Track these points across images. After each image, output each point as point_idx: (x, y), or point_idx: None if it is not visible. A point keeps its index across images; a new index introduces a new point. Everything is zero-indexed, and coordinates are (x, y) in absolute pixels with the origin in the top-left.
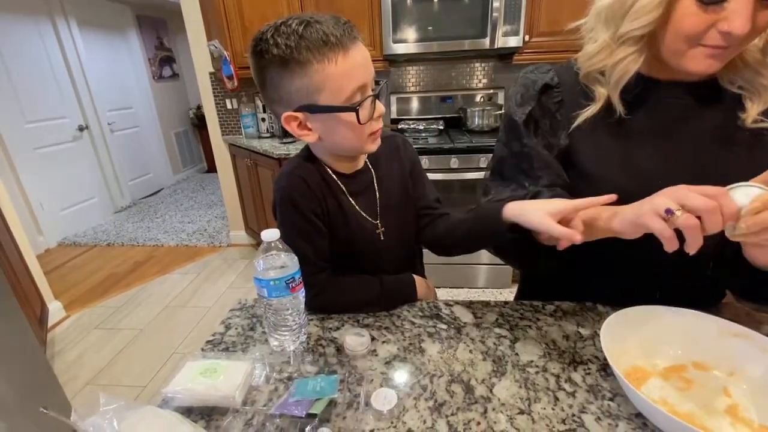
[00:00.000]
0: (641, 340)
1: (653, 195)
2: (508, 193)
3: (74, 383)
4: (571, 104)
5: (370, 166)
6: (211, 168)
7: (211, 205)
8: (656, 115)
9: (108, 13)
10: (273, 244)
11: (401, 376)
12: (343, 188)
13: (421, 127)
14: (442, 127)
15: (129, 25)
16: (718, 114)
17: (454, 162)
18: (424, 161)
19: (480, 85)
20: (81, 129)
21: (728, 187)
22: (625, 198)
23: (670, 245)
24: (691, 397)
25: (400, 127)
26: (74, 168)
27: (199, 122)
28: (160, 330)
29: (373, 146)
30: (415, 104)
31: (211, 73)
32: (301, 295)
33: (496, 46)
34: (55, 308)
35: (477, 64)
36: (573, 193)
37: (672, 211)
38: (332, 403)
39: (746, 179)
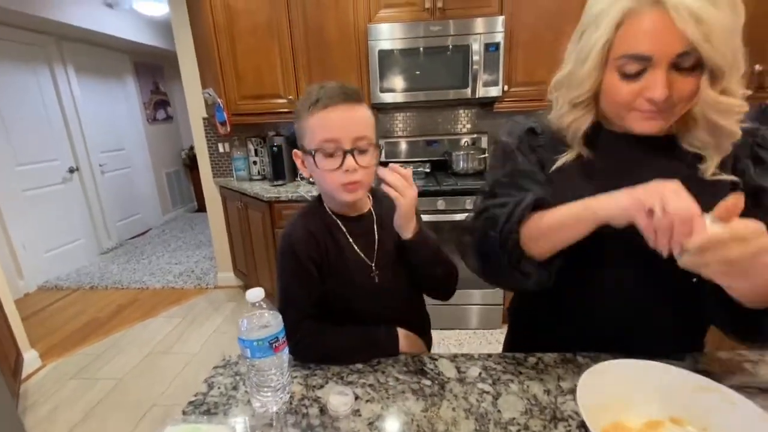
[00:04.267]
0: (619, 395)
1: (647, 184)
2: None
3: None
4: (551, 149)
5: (374, 212)
6: (202, 207)
7: (199, 245)
8: (622, 166)
9: (107, 60)
10: (257, 304)
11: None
12: (344, 229)
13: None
14: (428, 170)
15: (126, 71)
16: (679, 167)
17: (440, 204)
18: None
19: (464, 130)
20: (71, 171)
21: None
22: (591, 236)
23: (650, 242)
24: None
25: None
26: (62, 209)
27: (191, 162)
28: (141, 379)
29: (348, 197)
30: (402, 148)
31: (204, 119)
32: (284, 354)
33: (477, 96)
34: (30, 357)
35: (461, 111)
36: None
37: (653, 212)
38: None
39: None
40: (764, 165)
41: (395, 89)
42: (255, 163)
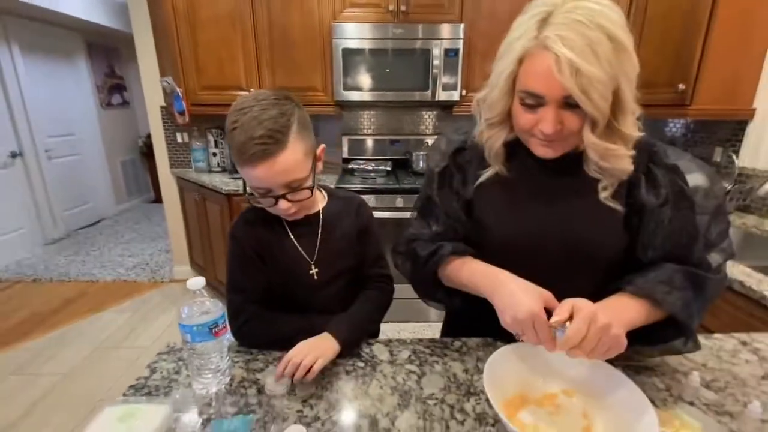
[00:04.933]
0: (521, 373)
1: (511, 311)
2: (426, 230)
3: None
4: (477, 163)
5: (321, 216)
6: (159, 198)
7: (155, 238)
8: (535, 179)
9: (56, 39)
10: (198, 292)
11: (314, 412)
12: (286, 226)
13: (370, 168)
14: (389, 168)
15: (78, 52)
16: (582, 183)
17: (399, 201)
18: (372, 200)
19: (427, 131)
20: (13, 155)
21: (551, 323)
22: (511, 240)
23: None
24: (557, 421)
25: (350, 167)
26: (2, 196)
27: (148, 151)
28: (88, 374)
29: (289, 218)
30: (365, 145)
31: (162, 107)
32: (224, 339)
33: (437, 99)
34: None
35: (424, 113)
36: (471, 238)
37: (518, 337)
38: None
39: (603, 237)
40: (654, 182)
41: (358, 88)
42: (215, 154)
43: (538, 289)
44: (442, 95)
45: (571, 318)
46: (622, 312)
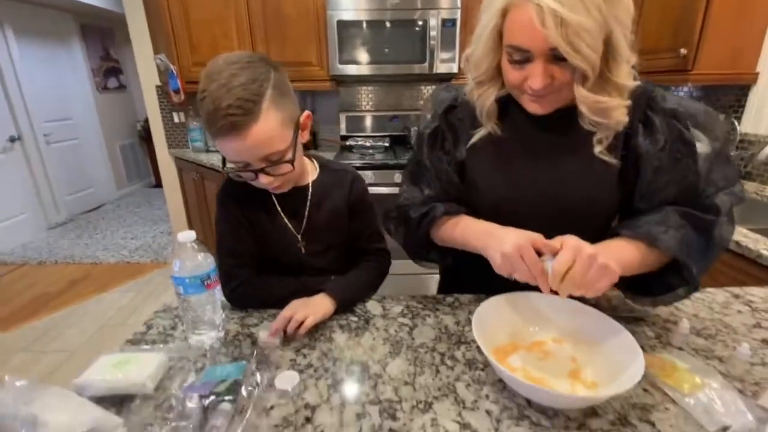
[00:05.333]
0: (510, 322)
1: (499, 248)
2: (417, 194)
3: None
4: (470, 122)
5: (311, 189)
6: (159, 182)
7: (156, 221)
8: (528, 137)
9: (49, 21)
10: (189, 245)
11: (307, 360)
12: (274, 198)
13: (369, 144)
14: (387, 144)
15: (72, 34)
16: (576, 139)
17: (397, 177)
18: (370, 176)
19: (425, 106)
20: (12, 140)
21: (542, 258)
22: (504, 202)
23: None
24: (545, 365)
25: (348, 143)
26: (2, 181)
27: (147, 135)
28: (94, 352)
29: (277, 191)
30: (364, 122)
31: (157, 87)
32: (217, 292)
33: (435, 71)
34: None
35: (422, 87)
36: (465, 199)
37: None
38: (237, 385)
39: (596, 193)
40: (652, 128)
41: (355, 61)
42: None
43: (526, 231)
44: (440, 67)
45: None
46: (615, 250)
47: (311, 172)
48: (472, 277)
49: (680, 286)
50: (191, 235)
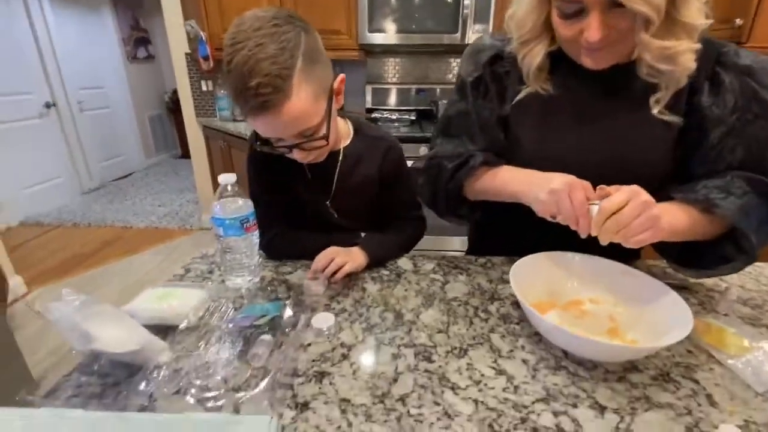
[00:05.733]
0: (547, 280)
1: (546, 186)
2: (451, 148)
3: (35, 356)
4: (515, 78)
5: (341, 155)
6: (185, 154)
7: (183, 190)
8: (579, 98)
9: None
10: (230, 187)
11: (341, 306)
12: (305, 165)
13: (394, 117)
14: (413, 118)
15: (103, 3)
16: (632, 98)
17: (423, 150)
18: None
19: (454, 80)
20: (48, 106)
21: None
22: (550, 163)
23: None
24: (582, 323)
25: (374, 116)
26: (39, 146)
27: (174, 106)
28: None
29: (311, 163)
30: (389, 95)
31: (186, 54)
32: (254, 236)
33: (467, 42)
34: (15, 283)
35: (451, 60)
36: (506, 157)
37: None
38: (276, 321)
39: (652, 156)
40: (720, 87)
41: (384, 30)
42: None
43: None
44: (472, 38)
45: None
46: (668, 211)
47: (345, 137)
48: (502, 235)
49: (735, 258)
50: (232, 177)
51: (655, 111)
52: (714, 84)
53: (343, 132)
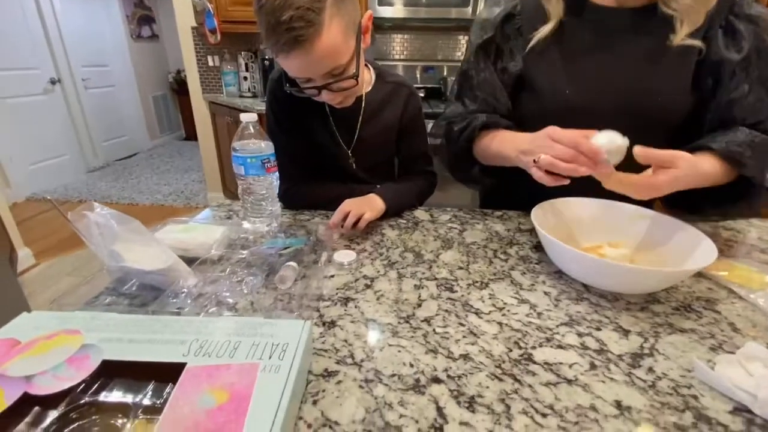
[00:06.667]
0: (566, 225)
1: (533, 138)
2: (460, 110)
3: None
4: (528, 30)
5: (364, 101)
6: (189, 135)
7: (188, 170)
8: (598, 36)
9: None
10: (251, 126)
11: (361, 246)
12: (327, 109)
13: None
14: (422, 95)
15: None
16: (651, 36)
17: (429, 127)
18: None
19: (463, 57)
20: (53, 82)
21: (597, 133)
22: (571, 107)
23: (541, 181)
24: None
25: None
26: (45, 122)
27: (178, 87)
28: None
29: (340, 106)
30: (397, 72)
31: (193, 28)
32: (275, 178)
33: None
34: (24, 255)
35: (460, 37)
36: (523, 110)
37: (537, 159)
38: (300, 253)
39: (670, 93)
40: (734, 35)
41: (394, 3)
42: (245, 78)
43: None
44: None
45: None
46: (705, 160)
47: (367, 83)
48: (513, 200)
49: (740, 198)
50: (254, 116)
51: (676, 41)
52: (728, 32)
53: (366, 78)
